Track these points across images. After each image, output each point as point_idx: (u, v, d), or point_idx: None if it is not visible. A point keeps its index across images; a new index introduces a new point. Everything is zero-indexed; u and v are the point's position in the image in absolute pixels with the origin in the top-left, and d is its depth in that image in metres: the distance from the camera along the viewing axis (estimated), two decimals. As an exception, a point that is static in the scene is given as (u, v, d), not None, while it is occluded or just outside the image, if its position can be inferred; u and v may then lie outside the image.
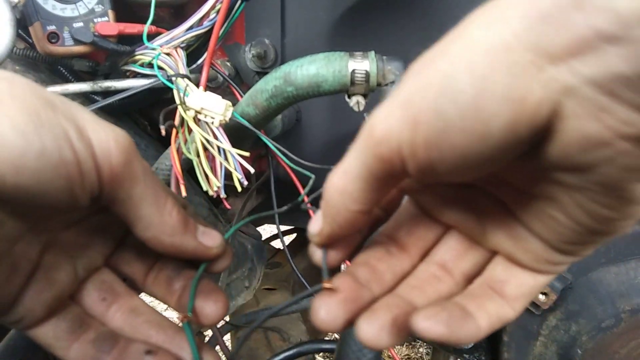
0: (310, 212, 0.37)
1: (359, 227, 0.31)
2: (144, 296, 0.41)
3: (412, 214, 0.35)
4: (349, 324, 0.29)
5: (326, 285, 0.29)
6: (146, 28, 0.60)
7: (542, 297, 0.63)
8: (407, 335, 0.28)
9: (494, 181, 0.30)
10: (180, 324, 0.36)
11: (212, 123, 0.51)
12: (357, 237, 0.34)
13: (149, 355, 0.34)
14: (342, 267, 0.75)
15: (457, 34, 0.23)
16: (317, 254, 0.33)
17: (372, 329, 0.27)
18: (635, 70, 0.19)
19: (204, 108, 0.51)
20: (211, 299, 0.37)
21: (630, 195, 0.23)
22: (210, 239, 0.37)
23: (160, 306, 2.62)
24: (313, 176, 0.44)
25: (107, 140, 0.30)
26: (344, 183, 0.28)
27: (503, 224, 0.31)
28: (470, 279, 0.32)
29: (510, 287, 0.30)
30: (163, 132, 0.53)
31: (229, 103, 0.51)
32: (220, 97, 0.51)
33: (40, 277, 0.34)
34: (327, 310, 0.28)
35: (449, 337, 0.26)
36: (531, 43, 0.21)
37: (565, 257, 0.29)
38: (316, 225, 0.32)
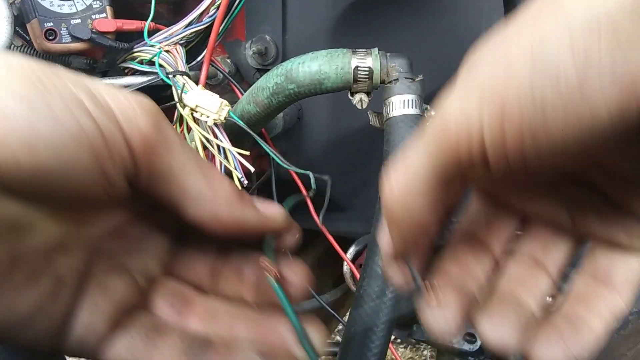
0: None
1: (432, 235, 0.28)
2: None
3: (483, 207, 0.32)
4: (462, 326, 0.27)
5: (431, 301, 0.28)
6: (147, 25, 0.59)
7: (548, 299, 0.62)
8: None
9: (585, 166, 0.26)
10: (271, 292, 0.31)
11: (207, 122, 0.50)
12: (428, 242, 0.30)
13: (261, 357, 0.29)
14: (345, 268, 0.73)
15: (541, 10, 0.20)
16: (394, 274, 0.30)
17: (501, 330, 0.26)
18: None
19: (198, 105, 0.50)
20: (292, 268, 0.32)
21: None
22: (271, 208, 0.32)
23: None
24: (311, 174, 0.43)
25: (130, 104, 0.25)
26: (408, 192, 0.24)
27: (596, 208, 0.28)
28: (563, 269, 0.30)
29: (618, 274, 0.28)
30: None
31: (225, 102, 0.50)
32: (217, 95, 0.50)
33: (93, 288, 0.29)
34: (441, 321, 0.27)
35: (568, 357, 0.25)
36: None
37: None
38: (386, 242, 0.29)
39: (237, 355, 0.29)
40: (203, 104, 0.50)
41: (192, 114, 0.51)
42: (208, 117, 0.50)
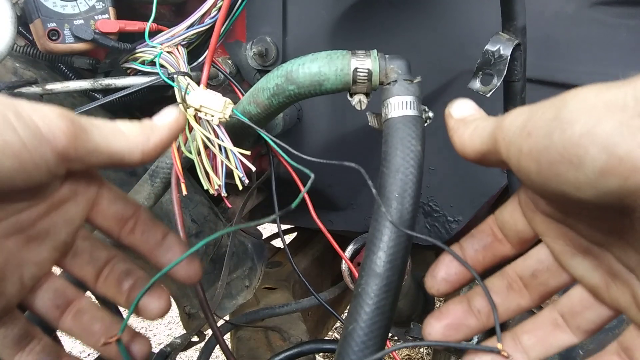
0: None
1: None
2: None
3: (542, 259, 0.36)
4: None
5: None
6: (148, 26, 0.60)
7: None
8: None
9: (621, 246, 0.31)
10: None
11: (212, 121, 0.51)
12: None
13: None
14: (343, 266, 0.74)
15: (570, 93, 0.27)
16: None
17: None
18: None
19: (203, 106, 0.50)
20: (154, 295, 0.39)
21: None
22: (167, 113, 0.38)
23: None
24: (312, 175, 0.44)
25: (50, 113, 0.32)
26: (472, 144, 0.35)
27: (629, 288, 0.31)
28: (589, 333, 0.34)
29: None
30: None
31: (229, 100, 0.51)
32: (220, 94, 0.51)
33: None
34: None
35: None
36: None
37: None
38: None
39: None
40: (207, 103, 0.50)
41: (196, 114, 0.51)
42: (213, 116, 0.50)
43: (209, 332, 0.80)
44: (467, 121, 0.36)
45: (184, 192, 0.54)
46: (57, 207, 0.36)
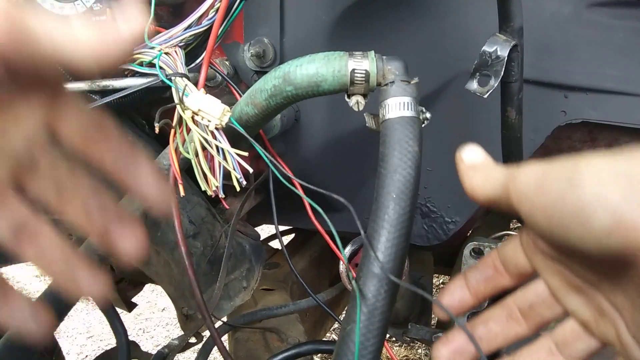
0: None
1: None
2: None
3: (539, 292, 0.40)
4: None
5: None
6: (146, 27, 0.60)
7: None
8: None
9: (611, 288, 0.35)
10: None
11: (208, 126, 0.51)
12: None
13: None
14: (341, 267, 0.74)
15: (583, 160, 0.31)
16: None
17: None
18: None
19: (201, 110, 0.50)
20: (127, 230, 0.35)
21: None
22: (132, 14, 0.33)
23: (157, 306, 2.62)
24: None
25: None
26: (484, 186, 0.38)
27: (614, 325, 0.35)
28: None
29: None
30: (157, 130, 0.53)
31: (227, 108, 0.51)
32: (219, 101, 0.51)
33: None
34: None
35: None
36: None
37: None
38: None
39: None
40: (205, 108, 0.50)
41: (193, 117, 0.51)
42: (210, 121, 0.50)
43: (206, 333, 0.80)
44: (477, 167, 0.39)
45: (182, 193, 0.54)
46: (10, 119, 0.33)
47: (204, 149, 0.53)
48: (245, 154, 0.51)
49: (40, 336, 0.35)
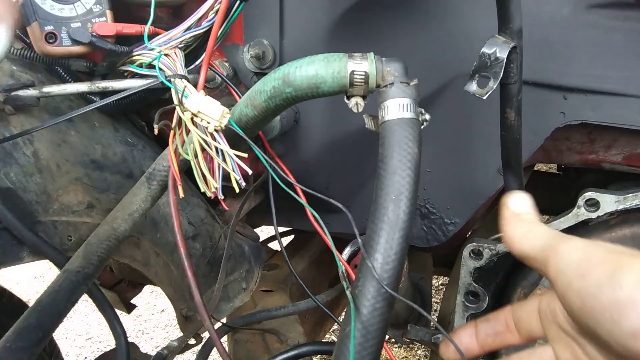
0: None
1: None
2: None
3: (545, 359, 0.41)
4: None
5: None
6: (147, 28, 0.60)
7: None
8: None
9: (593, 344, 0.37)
10: None
11: (207, 128, 0.51)
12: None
13: None
14: (341, 269, 0.74)
15: (628, 261, 0.33)
16: None
17: None
18: None
19: (200, 112, 0.50)
20: None
21: None
22: None
23: (157, 307, 2.62)
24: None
25: None
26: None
27: None
28: None
29: None
30: (156, 131, 0.53)
31: (227, 110, 0.51)
32: (218, 103, 0.51)
33: None
34: None
35: None
36: None
37: None
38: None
39: None
40: (205, 109, 0.50)
41: (192, 118, 0.51)
42: (209, 123, 0.50)
43: (206, 334, 0.80)
44: (521, 219, 0.40)
45: (181, 194, 0.54)
46: None
47: (203, 150, 0.53)
48: (245, 155, 0.51)
49: None
